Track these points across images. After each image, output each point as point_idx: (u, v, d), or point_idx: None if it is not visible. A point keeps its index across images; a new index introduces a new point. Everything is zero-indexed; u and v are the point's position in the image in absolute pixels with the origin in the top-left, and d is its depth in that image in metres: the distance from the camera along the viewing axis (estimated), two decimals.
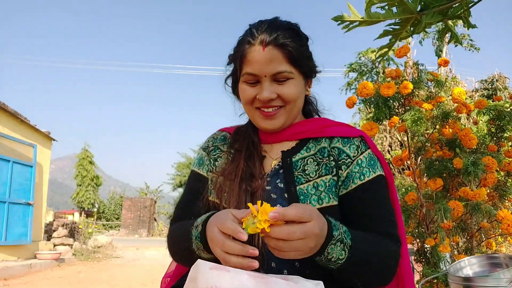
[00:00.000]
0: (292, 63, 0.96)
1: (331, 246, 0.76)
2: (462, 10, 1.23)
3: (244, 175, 0.97)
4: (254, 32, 0.97)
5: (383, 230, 0.89)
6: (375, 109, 2.23)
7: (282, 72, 0.95)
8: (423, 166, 2.36)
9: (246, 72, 0.97)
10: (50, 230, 10.09)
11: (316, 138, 1.02)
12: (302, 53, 0.98)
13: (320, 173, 0.96)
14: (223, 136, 1.13)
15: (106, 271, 7.66)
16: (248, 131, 1.08)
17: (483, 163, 2.04)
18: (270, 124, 1.00)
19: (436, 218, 2.03)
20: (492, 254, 1.44)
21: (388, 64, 9.22)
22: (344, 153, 0.97)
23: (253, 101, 0.99)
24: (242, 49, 0.98)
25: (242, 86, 1.00)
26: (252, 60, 0.96)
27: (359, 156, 0.97)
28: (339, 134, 1.00)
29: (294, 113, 1.02)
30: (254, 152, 1.02)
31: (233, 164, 1.01)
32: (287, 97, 0.97)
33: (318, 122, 1.06)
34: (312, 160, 0.99)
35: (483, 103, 2.29)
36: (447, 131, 2.29)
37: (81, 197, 30.54)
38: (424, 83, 2.26)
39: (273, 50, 0.94)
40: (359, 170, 0.95)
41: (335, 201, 0.94)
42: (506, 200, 2.41)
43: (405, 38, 1.36)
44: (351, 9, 1.25)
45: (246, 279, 0.63)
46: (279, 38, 0.95)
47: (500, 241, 2.77)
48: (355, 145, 0.98)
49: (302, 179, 0.96)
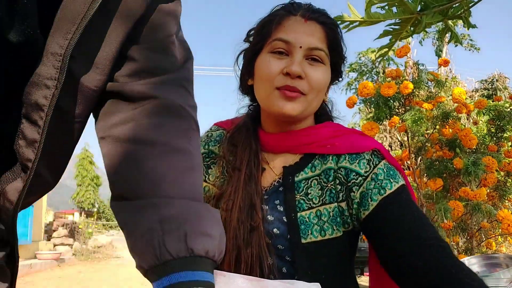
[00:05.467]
0: (329, 48, 0.84)
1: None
2: (462, 10, 1.23)
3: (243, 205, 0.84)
4: (296, 6, 0.86)
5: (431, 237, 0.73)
6: (375, 109, 2.24)
7: (319, 49, 0.82)
8: (423, 166, 2.36)
9: (278, 37, 0.82)
10: (50, 230, 10.09)
11: (323, 154, 0.87)
12: (340, 42, 0.87)
13: (324, 201, 0.84)
14: (219, 136, 0.98)
15: (106, 271, 7.66)
16: (248, 137, 0.92)
17: (483, 163, 2.04)
18: (291, 107, 0.82)
19: (436, 218, 2.03)
20: (492, 254, 1.44)
21: (388, 64, 9.22)
22: (353, 171, 0.82)
23: (275, 78, 0.82)
24: (277, 16, 0.84)
25: (266, 58, 0.84)
26: (288, 28, 0.83)
27: (373, 170, 0.82)
28: (346, 151, 0.85)
29: (311, 109, 0.87)
30: (255, 171, 0.87)
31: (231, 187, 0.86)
32: (315, 82, 0.82)
33: (326, 130, 0.91)
34: (316, 183, 0.85)
35: (483, 103, 2.29)
36: (447, 131, 2.29)
37: (81, 197, 30.57)
38: (424, 83, 2.27)
39: (315, 25, 0.83)
40: (378, 185, 0.80)
41: (340, 233, 0.82)
42: (506, 200, 2.41)
43: (405, 38, 1.36)
44: (351, 9, 1.25)
45: (241, 282, 0.62)
46: (323, 17, 0.84)
47: (500, 241, 2.77)
48: (365, 160, 0.83)
49: (305, 204, 0.84)
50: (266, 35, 0.85)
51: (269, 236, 0.83)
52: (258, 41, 0.88)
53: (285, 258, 0.84)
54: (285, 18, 0.84)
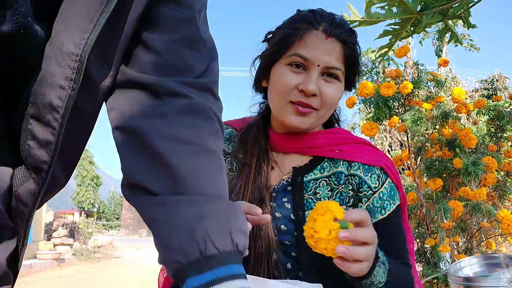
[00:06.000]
0: (346, 65, 0.87)
1: (377, 268, 0.72)
2: (462, 10, 1.23)
3: (252, 198, 0.87)
4: (318, 18, 0.86)
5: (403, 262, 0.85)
6: (375, 109, 2.24)
7: (336, 68, 0.85)
8: (423, 166, 2.36)
9: (296, 53, 0.84)
10: (50, 230, 10.09)
11: (332, 158, 0.90)
12: (357, 59, 0.90)
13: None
14: (229, 134, 1.00)
15: (106, 271, 7.66)
16: (258, 136, 0.95)
17: (483, 163, 2.04)
18: (301, 121, 0.86)
19: (436, 218, 2.03)
20: (492, 254, 1.44)
21: (388, 64, 9.21)
22: (366, 184, 0.86)
23: (290, 92, 0.85)
24: (299, 29, 0.85)
25: (283, 70, 0.86)
26: (309, 44, 0.84)
27: (380, 188, 0.87)
28: (360, 160, 0.89)
29: (321, 121, 0.92)
30: (264, 166, 0.91)
31: (241, 181, 0.89)
32: (329, 99, 0.86)
33: (335, 136, 0.94)
34: (325, 184, 0.89)
35: (483, 103, 2.29)
36: (447, 131, 2.29)
37: (81, 197, 30.55)
38: (424, 83, 2.27)
39: (335, 44, 0.85)
40: (381, 204, 0.86)
41: None
42: (506, 200, 2.41)
43: (405, 38, 1.37)
44: (351, 9, 1.25)
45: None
46: (344, 34, 0.85)
47: (500, 241, 2.77)
48: (376, 175, 0.87)
49: (313, 203, 0.87)
50: (286, 47, 0.86)
51: (277, 231, 0.86)
52: (277, 50, 0.89)
53: (291, 254, 0.86)
54: (306, 33, 0.85)
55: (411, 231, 0.98)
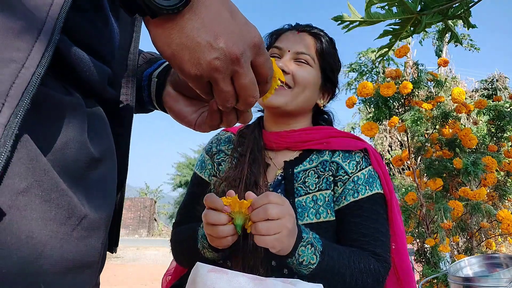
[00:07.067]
0: (318, 54, 1.01)
1: (302, 248, 0.77)
2: (462, 10, 1.23)
3: (248, 182, 0.95)
4: (296, 24, 1.08)
5: (370, 249, 0.88)
6: (375, 109, 2.24)
7: (305, 54, 1.00)
8: (423, 166, 2.36)
9: (274, 45, 1.03)
10: None
11: (320, 150, 1.00)
12: (331, 54, 1.05)
13: (320, 187, 0.95)
14: (228, 138, 1.10)
15: (106, 271, 7.66)
16: (253, 134, 1.05)
17: (483, 163, 2.04)
18: (275, 99, 0.97)
19: (436, 218, 2.03)
20: (492, 254, 1.44)
21: (388, 64, 9.24)
22: (343, 169, 0.96)
23: None
24: (278, 31, 1.07)
25: None
26: (283, 38, 1.04)
27: (357, 173, 0.95)
28: (341, 147, 0.98)
29: (298, 102, 1.00)
30: (259, 156, 0.99)
31: (237, 169, 0.98)
32: (299, 77, 0.98)
33: (323, 132, 1.04)
34: (313, 173, 0.97)
35: (483, 103, 2.29)
36: (447, 131, 2.29)
37: None
38: (424, 83, 2.27)
39: (306, 36, 1.03)
40: (353, 187, 0.93)
41: (333, 217, 0.94)
42: (506, 200, 2.42)
43: (405, 38, 1.36)
44: (351, 9, 1.25)
45: (244, 281, 0.63)
46: (316, 30, 1.04)
47: (500, 241, 2.77)
48: (355, 161, 0.97)
49: (302, 191, 0.95)
50: (268, 46, 1.06)
51: None
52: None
53: None
54: (282, 31, 1.07)
55: (403, 230, 1.00)
